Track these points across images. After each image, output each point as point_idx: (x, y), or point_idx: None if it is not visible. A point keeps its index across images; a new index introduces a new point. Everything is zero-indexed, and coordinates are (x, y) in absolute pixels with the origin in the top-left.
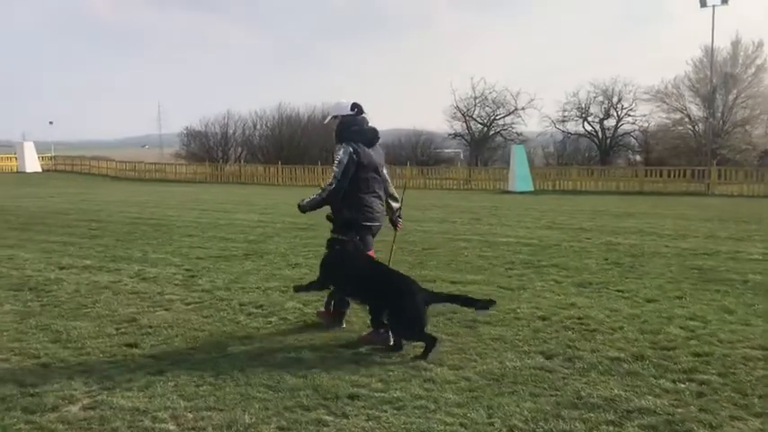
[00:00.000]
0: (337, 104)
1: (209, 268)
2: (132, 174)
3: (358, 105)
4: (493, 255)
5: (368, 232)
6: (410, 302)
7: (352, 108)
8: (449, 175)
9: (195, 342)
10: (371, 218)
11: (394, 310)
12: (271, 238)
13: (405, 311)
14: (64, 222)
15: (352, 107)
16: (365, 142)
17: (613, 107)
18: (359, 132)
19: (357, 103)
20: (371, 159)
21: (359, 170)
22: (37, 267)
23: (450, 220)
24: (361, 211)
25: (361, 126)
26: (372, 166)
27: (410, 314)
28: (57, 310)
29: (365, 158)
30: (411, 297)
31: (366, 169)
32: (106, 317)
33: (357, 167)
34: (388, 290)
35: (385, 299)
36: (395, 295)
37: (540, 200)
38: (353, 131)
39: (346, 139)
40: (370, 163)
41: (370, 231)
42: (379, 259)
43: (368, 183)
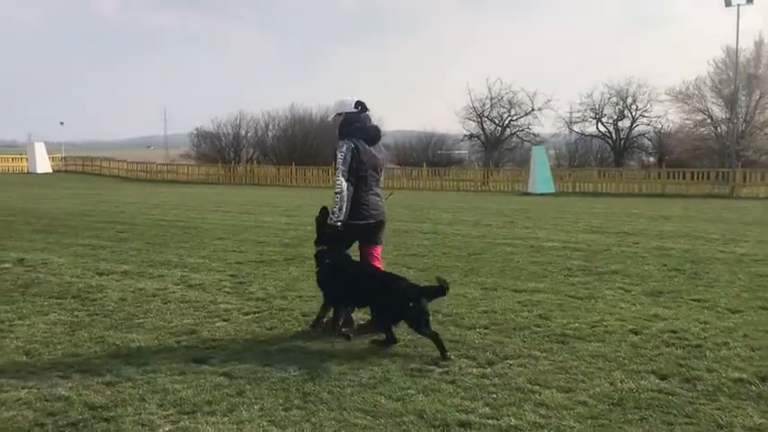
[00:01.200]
0: (341, 102)
1: (254, 274)
2: (144, 174)
3: (362, 103)
4: (545, 260)
5: (364, 230)
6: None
7: (356, 106)
8: (465, 177)
9: (267, 358)
10: (368, 215)
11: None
12: (306, 241)
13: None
14: (87, 224)
15: (356, 105)
16: (366, 140)
17: (627, 108)
18: (361, 129)
19: (361, 101)
20: (370, 156)
21: (358, 167)
22: (75, 273)
23: (484, 223)
24: (356, 208)
25: (364, 123)
26: (371, 164)
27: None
28: (107, 320)
29: (365, 155)
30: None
31: (365, 166)
32: (163, 328)
33: (357, 164)
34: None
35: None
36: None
37: (566, 202)
38: (355, 128)
39: (348, 135)
40: (370, 160)
41: (366, 229)
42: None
43: (366, 180)
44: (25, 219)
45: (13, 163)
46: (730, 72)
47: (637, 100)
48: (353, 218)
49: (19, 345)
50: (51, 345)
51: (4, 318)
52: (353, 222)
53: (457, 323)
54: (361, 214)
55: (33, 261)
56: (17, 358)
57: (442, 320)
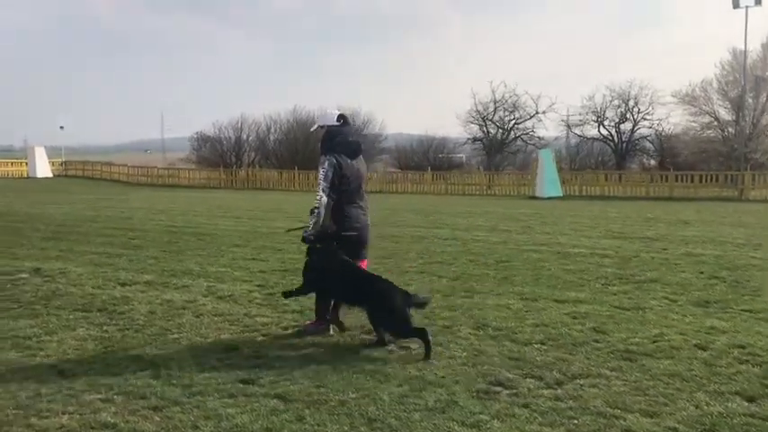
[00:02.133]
0: (324, 114)
1: (282, 284)
2: (144, 179)
3: (344, 116)
4: (576, 268)
5: (347, 242)
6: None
7: (338, 119)
8: (471, 181)
9: (319, 378)
10: (351, 228)
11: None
12: None
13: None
14: (97, 231)
15: (338, 118)
16: (348, 153)
17: (629, 111)
18: (343, 144)
19: (343, 114)
20: (354, 170)
21: (341, 182)
22: (96, 283)
23: (501, 228)
24: (340, 221)
25: (346, 137)
26: (354, 178)
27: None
28: (140, 335)
29: (347, 170)
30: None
31: (348, 181)
32: (200, 345)
33: (339, 178)
34: (372, 290)
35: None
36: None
37: (577, 206)
38: (337, 142)
39: (330, 150)
40: (353, 174)
41: (351, 240)
42: None
43: (350, 194)
44: (33, 225)
45: (13, 167)
46: (737, 74)
47: (639, 102)
48: (345, 230)
49: (51, 363)
50: (85, 363)
51: (30, 333)
52: (347, 234)
53: (511, 338)
54: (345, 227)
55: (50, 271)
56: (52, 378)
57: (495, 335)
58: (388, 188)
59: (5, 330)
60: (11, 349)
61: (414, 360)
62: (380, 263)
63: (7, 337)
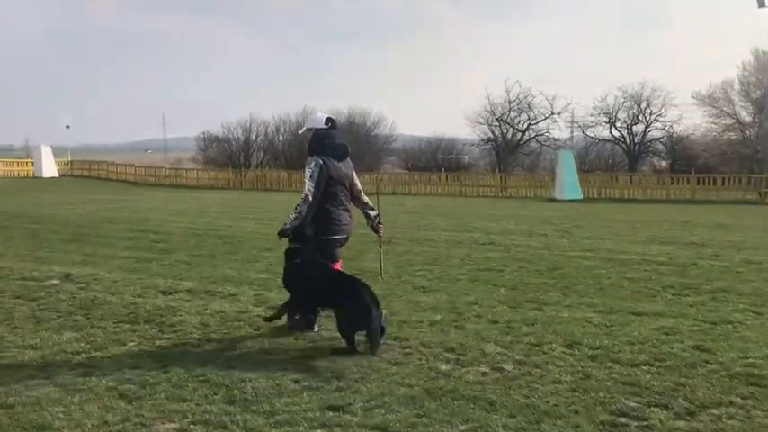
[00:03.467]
0: (312, 117)
1: None
2: (152, 179)
3: (332, 120)
4: (637, 276)
5: (334, 245)
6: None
7: (326, 122)
8: (485, 182)
9: (416, 404)
10: (338, 230)
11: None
12: (362, 253)
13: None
14: (117, 233)
15: (327, 121)
16: (335, 156)
17: (642, 112)
18: (330, 146)
19: (331, 118)
20: (340, 173)
21: (327, 183)
22: (134, 291)
23: (537, 232)
24: (328, 223)
25: (333, 140)
26: (341, 180)
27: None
28: (199, 351)
29: (334, 172)
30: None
31: (334, 183)
32: (270, 363)
33: (326, 181)
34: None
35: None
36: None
37: (602, 209)
38: (325, 145)
39: (317, 152)
40: (339, 177)
41: (336, 244)
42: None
43: (336, 196)
44: (49, 227)
45: (18, 167)
46: (760, 75)
47: (651, 104)
48: (327, 233)
49: (110, 385)
50: (148, 386)
51: (78, 348)
52: (328, 238)
53: (612, 358)
54: (333, 229)
55: (82, 277)
56: (114, 403)
57: (593, 354)
58: (401, 190)
59: (51, 345)
60: (62, 366)
61: (513, 383)
62: (427, 269)
63: (55, 353)
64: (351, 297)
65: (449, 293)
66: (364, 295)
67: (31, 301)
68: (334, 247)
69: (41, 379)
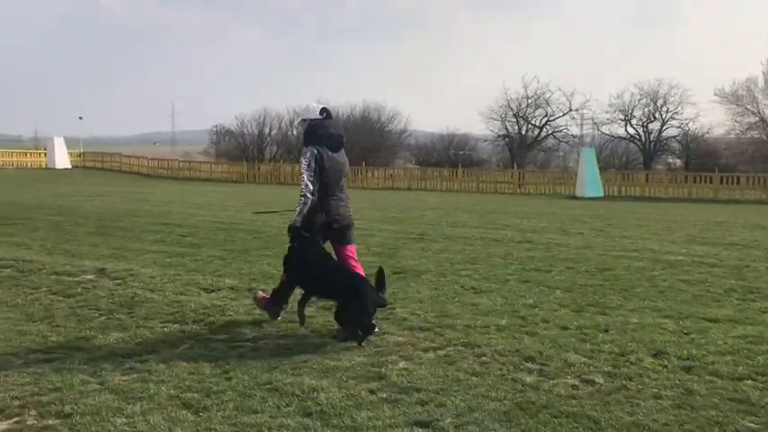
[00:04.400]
0: (307, 108)
1: None
2: (164, 171)
3: (327, 110)
4: (693, 279)
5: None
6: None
7: (321, 112)
8: (503, 179)
9: (515, 422)
10: (331, 220)
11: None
12: (397, 250)
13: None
14: (141, 226)
15: (321, 111)
16: (330, 146)
17: (658, 110)
18: (325, 136)
19: (326, 108)
20: (335, 163)
21: (322, 173)
22: (175, 289)
23: (572, 230)
24: (321, 213)
25: (328, 130)
26: (335, 170)
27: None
28: (258, 355)
29: (328, 162)
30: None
31: (328, 173)
32: (339, 370)
33: (320, 171)
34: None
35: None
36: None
37: (629, 207)
38: (319, 135)
39: (312, 142)
40: (333, 167)
41: (330, 228)
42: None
43: (329, 186)
44: (71, 219)
45: (31, 158)
46: None
47: (667, 102)
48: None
49: (172, 393)
50: (213, 394)
51: (128, 350)
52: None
53: (708, 370)
54: (327, 219)
55: (117, 272)
56: (182, 415)
57: (687, 366)
58: (417, 185)
59: (98, 346)
60: (114, 371)
61: (609, 397)
62: (471, 268)
63: (104, 355)
64: (353, 295)
65: (503, 295)
66: (367, 295)
67: (69, 297)
68: (329, 231)
69: (95, 384)
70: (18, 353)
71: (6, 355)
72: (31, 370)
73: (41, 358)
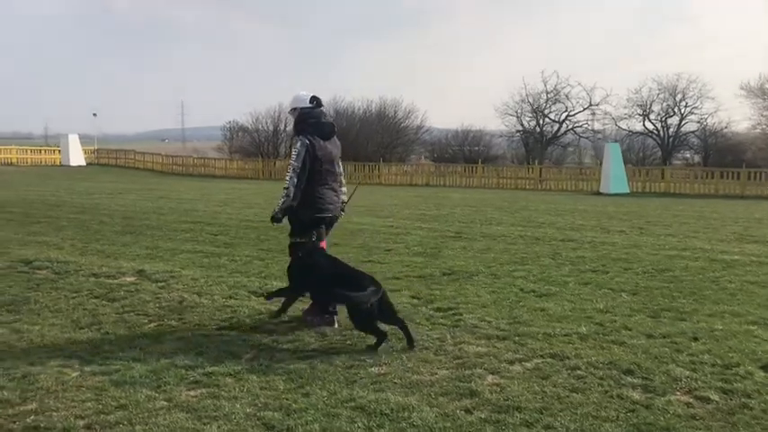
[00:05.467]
0: (296, 97)
1: (435, 296)
2: (179, 168)
3: (317, 98)
4: (759, 280)
5: (320, 223)
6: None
7: (311, 101)
8: (524, 175)
9: None
10: (323, 209)
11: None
12: (439, 250)
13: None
14: (169, 225)
15: (311, 100)
16: (321, 135)
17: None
18: (316, 125)
19: (316, 96)
20: (326, 152)
21: (313, 162)
22: (222, 292)
23: (612, 228)
24: (313, 202)
25: (318, 119)
26: (327, 159)
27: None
28: (331, 368)
29: (320, 151)
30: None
31: (320, 162)
32: (423, 385)
33: (312, 159)
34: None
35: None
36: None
37: (661, 203)
38: (310, 124)
39: (303, 132)
40: (325, 155)
41: (323, 222)
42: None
43: (321, 175)
44: (96, 217)
45: (46, 155)
46: None
47: (686, 96)
48: (311, 211)
49: (249, 411)
50: (293, 413)
51: (189, 361)
52: (312, 216)
53: None
54: (316, 208)
55: (157, 274)
56: None
57: None
58: (435, 181)
59: (157, 357)
60: (179, 385)
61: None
62: (522, 269)
63: (165, 367)
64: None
65: (568, 299)
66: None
67: (113, 301)
68: (319, 225)
69: (162, 401)
70: (72, 364)
71: (60, 366)
72: (90, 384)
73: (98, 370)
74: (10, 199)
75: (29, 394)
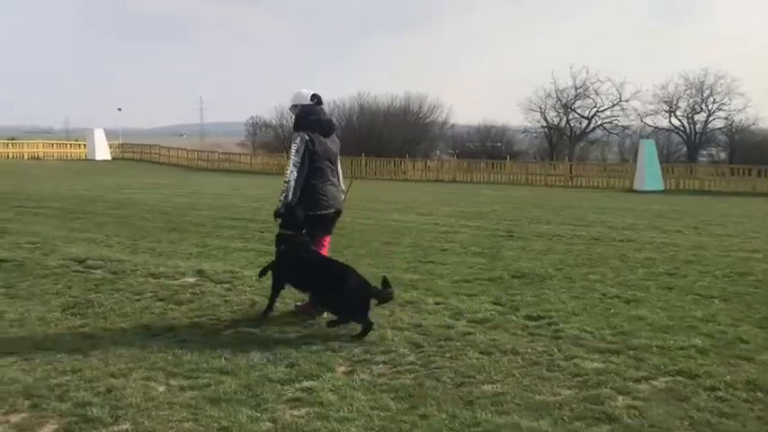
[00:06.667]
0: (297, 94)
1: (516, 302)
2: (204, 163)
3: (317, 96)
4: None
5: (321, 220)
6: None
7: (311, 98)
8: (554, 171)
9: None
10: (325, 205)
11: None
12: (497, 250)
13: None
14: (212, 221)
15: (312, 97)
16: (321, 132)
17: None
18: (316, 122)
19: (317, 94)
20: (326, 148)
21: (313, 159)
22: (294, 296)
23: (669, 228)
24: (314, 199)
25: (319, 116)
26: (327, 156)
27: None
28: (438, 384)
29: (320, 147)
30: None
31: (320, 158)
32: (561, 410)
33: (311, 156)
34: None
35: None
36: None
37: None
38: (311, 121)
39: (303, 128)
40: (325, 152)
41: (324, 219)
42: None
43: (322, 171)
44: (135, 213)
45: (72, 149)
46: None
47: (714, 92)
48: (313, 209)
49: None
50: None
51: (282, 374)
52: (314, 213)
53: None
54: (320, 204)
55: (218, 275)
56: None
57: None
58: (462, 177)
59: (246, 369)
60: (277, 401)
61: None
62: (597, 272)
63: (258, 381)
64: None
65: (660, 307)
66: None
67: (180, 305)
68: (322, 222)
69: (267, 422)
70: (156, 376)
71: (144, 379)
72: (182, 400)
73: (186, 384)
74: (45, 194)
75: (119, 412)
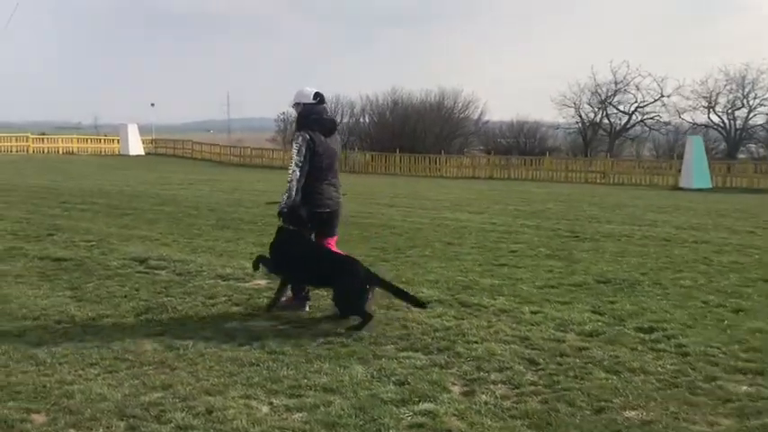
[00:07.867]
0: (300, 92)
1: (617, 311)
2: (236, 159)
3: (320, 95)
4: None
5: (319, 218)
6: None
7: (314, 97)
8: (593, 168)
9: None
10: (321, 204)
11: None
12: (569, 252)
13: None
14: (262, 219)
15: (315, 96)
16: (323, 131)
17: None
18: (317, 121)
19: (319, 93)
20: (327, 148)
21: (314, 158)
22: (377, 301)
23: (739, 228)
24: (312, 197)
25: (320, 115)
26: (327, 155)
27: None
28: (550, 409)
29: (321, 147)
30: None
31: (321, 157)
32: None
33: (312, 155)
34: (333, 270)
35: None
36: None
37: (759, 200)
38: (312, 120)
39: (304, 127)
40: (326, 151)
41: (322, 217)
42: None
43: (322, 171)
44: (182, 210)
45: (105, 144)
46: None
47: (755, 87)
48: (311, 206)
49: None
50: None
51: (391, 393)
52: (312, 211)
53: None
54: (316, 203)
55: None
56: None
57: None
58: (499, 174)
59: (352, 387)
60: (399, 427)
61: None
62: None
63: (367, 400)
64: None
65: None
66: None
67: (258, 310)
68: (320, 221)
69: None
70: (255, 394)
71: (244, 397)
72: (293, 425)
73: (291, 405)
74: (88, 189)
75: None
